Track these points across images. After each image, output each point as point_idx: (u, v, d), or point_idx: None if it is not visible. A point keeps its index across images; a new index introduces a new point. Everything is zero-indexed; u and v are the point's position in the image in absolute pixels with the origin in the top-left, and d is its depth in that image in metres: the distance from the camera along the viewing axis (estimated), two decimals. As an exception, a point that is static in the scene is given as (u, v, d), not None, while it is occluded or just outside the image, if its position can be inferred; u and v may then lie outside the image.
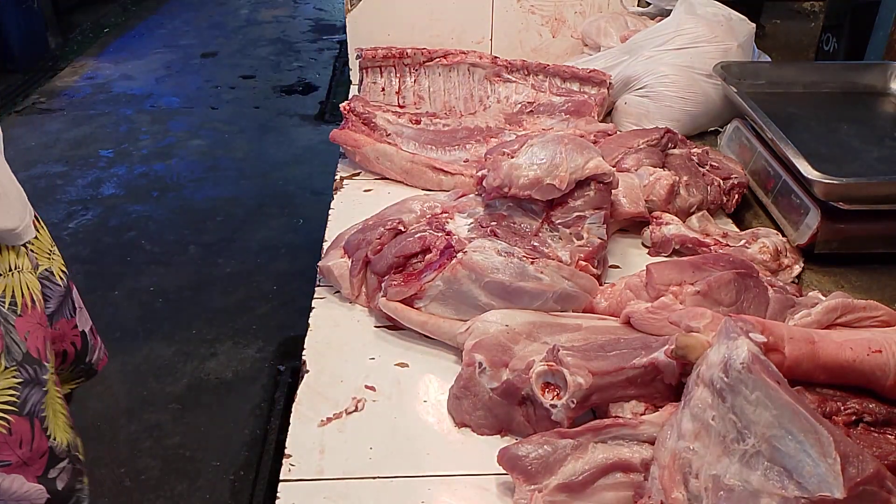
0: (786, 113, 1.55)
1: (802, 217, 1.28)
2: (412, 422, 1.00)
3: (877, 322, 1.01)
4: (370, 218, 1.29)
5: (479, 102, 1.82)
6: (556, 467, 0.85)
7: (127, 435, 2.36)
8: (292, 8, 7.23)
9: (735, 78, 1.64)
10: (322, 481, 0.91)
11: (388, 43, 1.88)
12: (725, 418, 0.75)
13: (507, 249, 1.10)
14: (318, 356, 1.11)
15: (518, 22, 2.06)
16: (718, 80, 1.64)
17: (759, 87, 1.68)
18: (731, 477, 0.73)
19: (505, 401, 0.96)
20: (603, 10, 2.06)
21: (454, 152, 1.60)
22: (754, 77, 1.70)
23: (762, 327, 0.84)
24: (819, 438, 0.67)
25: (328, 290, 1.25)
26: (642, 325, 1.02)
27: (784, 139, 1.32)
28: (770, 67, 1.73)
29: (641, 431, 0.87)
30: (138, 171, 4.04)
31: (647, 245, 1.37)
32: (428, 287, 1.11)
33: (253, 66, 5.64)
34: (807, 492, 0.67)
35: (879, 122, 1.60)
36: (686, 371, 0.89)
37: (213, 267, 3.24)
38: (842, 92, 1.70)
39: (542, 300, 1.08)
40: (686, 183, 1.43)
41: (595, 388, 0.90)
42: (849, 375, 0.88)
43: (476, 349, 0.99)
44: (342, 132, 1.62)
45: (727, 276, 1.05)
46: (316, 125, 4.66)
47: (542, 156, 1.18)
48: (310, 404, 1.02)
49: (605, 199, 1.21)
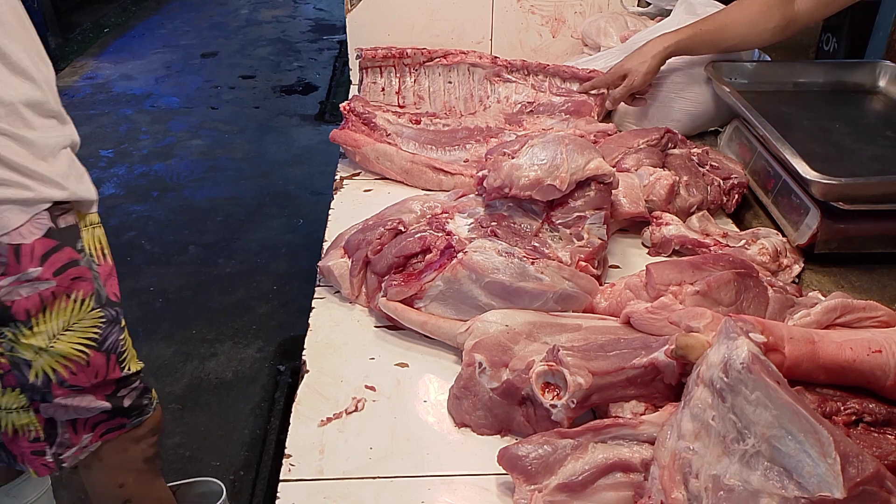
0: (778, 112, 1.55)
1: (802, 217, 1.28)
2: (412, 422, 1.00)
3: (876, 322, 1.01)
4: (370, 218, 1.29)
5: (479, 102, 1.82)
6: (556, 467, 0.85)
7: (127, 435, 2.36)
8: (292, 8, 7.23)
9: (726, 77, 1.64)
10: (322, 481, 0.91)
11: (388, 43, 1.88)
12: (725, 418, 0.75)
13: (508, 250, 1.10)
14: (318, 356, 1.11)
15: (518, 22, 2.06)
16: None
17: (750, 87, 1.68)
18: (731, 477, 0.73)
19: (505, 401, 0.96)
20: (603, 10, 2.06)
21: (454, 152, 1.61)
22: (745, 76, 1.70)
23: (762, 327, 0.84)
24: (819, 438, 0.67)
25: (328, 290, 1.25)
26: (642, 325, 1.02)
27: (780, 139, 1.32)
28: (760, 66, 1.73)
29: (641, 431, 0.87)
30: (138, 171, 4.04)
31: (647, 245, 1.37)
32: (428, 287, 1.11)
33: (253, 66, 5.64)
34: (807, 492, 0.67)
35: (871, 120, 1.60)
36: (686, 371, 0.89)
37: (213, 267, 3.24)
38: (832, 90, 1.70)
39: (542, 300, 1.08)
40: (686, 183, 1.43)
41: (595, 388, 0.90)
42: (849, 375, 0.88)
43: (476, 349, 0.99)
44: (342, 132, 1.62)
45: (727, 275, 1.05)
46: (316, 125, 4.66)
47: (543, 156, 1.18)
48: (310, 404, 1.02)
49: (605, 200, 1.21)
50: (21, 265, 1.12)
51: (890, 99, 1.66)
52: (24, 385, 1.21)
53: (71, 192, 1.18)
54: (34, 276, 1.14)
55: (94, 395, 1.29)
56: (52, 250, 1.16)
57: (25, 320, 1.16)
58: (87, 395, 1.28)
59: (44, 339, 1.18)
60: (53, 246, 1.16)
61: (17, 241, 1.12)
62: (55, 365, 1.21)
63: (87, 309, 1.23)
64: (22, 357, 1.19)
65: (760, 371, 0.72)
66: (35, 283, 1.14)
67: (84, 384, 1.26)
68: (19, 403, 1.23)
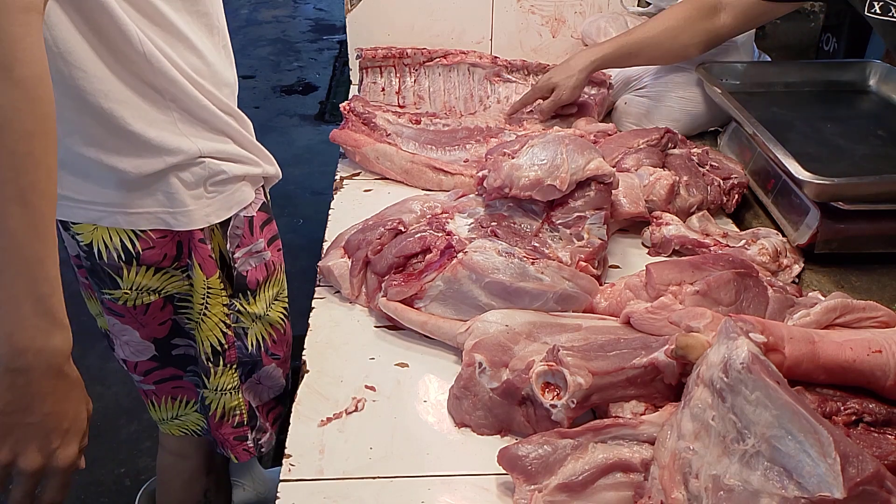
0: (770, 112, 1.55)
1: (802, 217, 1.28)
2: (412, 422, 1.00)
3: (877, 322, 1.01)
4: (370, 218, 1.29)
5: (479, 102, 1.82)
6: (556, 467, 0.85)
7: (127, 435, 2.36)
8: (292, 8, 7.23)
9: (717, 78, 1.64)
10: (322, 481, 0.91)
11: (388, 43, 1.88)
12: (725, 418, 0.75)
13: (508, 250, 1.10)
14: (318, 356, 1.11)
15: (518, 22, 2.06)
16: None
17: (742, 88, 1.68)
18: (731, 477, 0.73)
19: (505, 401, 0.96)
20: (603, 10, 2.06)
21: (454, 152, 1.61)
22: (736, 77, 1.70)
23: (762, 327, 0.84)
24: (819, 438, 0.67)
25: (328, 290, 1.25)
26: (642, 325, 1.02)
27: (773, 139, 1.32)
28: (751, 67, 1.73)
29: (641, 431, 0.87)
30: (138, 171, 4.04)
31: (647, 245, 1.37)
32: (428, 287, 1.11)
33: (253, 66, 5.64)
34: (807, 492, 0.67)
35: (862, 119, 1.60)
36: (686, 371, 0.89)
37: (213, 267, 3.23)
38: (823, 90, 1.70)
39: (542, 301, 1.08)
40: (686, 183, 1.43)
41: (595, 388, 0.90)
42: (849, 375, 0.88)
43: (476, 349, 0.99)
44: (342, 132, 1.62)
45: (727, 275, 1.05)
46: (316, 125, 4.66)
47: (543, 156, 1.18)
48: (310, 404, 1.02)
49: (605, 200, 1.21)
50: (253, 237, 1.22)
51: (881, 98, 1.66)
52: (243, 356, 1.28)
53: (276, 168, 1.28)
54: (261, 248, 1.24)
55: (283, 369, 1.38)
56: (265, 222, 1.26)
57: (254, 289, 1.24)
58: (280, 367, 1.37)
59: (262, 306, 1.27)
60: (266, 218, 1.26)
61: (250, 214, 1.21)
62: (264, 332, 1.30)
63: (285, 279, 1.34)
64: (243, 326, 1.27)
65: (760, 371, 0.72)
66: (262, 254, 1.24)
67: (280, 353, 1.35)
68: (232, 384, 1.28)
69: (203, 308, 1.20)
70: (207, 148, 1.09)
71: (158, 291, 1.20)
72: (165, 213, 1.10)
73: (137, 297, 1.20)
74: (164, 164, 1.06)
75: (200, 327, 1.22)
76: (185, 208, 1.10)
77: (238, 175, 1.15)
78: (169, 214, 1.11)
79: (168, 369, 1.34)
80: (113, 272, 1.16)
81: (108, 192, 1.08)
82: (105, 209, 1.10)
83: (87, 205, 1.09)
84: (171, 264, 1.18)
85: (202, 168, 1.10)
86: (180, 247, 1.16)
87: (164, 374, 1.35)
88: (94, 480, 2.20)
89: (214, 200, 1.13)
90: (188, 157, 1.08)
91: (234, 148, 1.14)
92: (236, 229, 1.19)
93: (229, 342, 1.24)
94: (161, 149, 1.05)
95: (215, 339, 1.22)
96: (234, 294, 1.23)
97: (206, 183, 1.11)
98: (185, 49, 1.04)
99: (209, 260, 1.16)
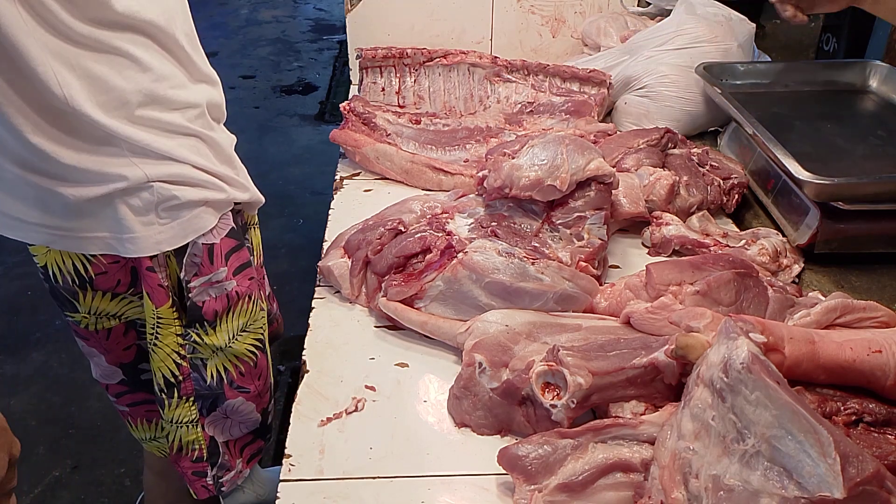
0: (770, 112, 1.55)
1: (802, 217, 1.28)
2: (412, 422, 1.00)
3: (877, 323, 1.01)
4: (370, 218, 1.29)
5: (479, 102, 1.82)
6: (556, 467, 0.85)
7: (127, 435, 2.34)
8: (292, 8, 7.22)
9: (717, 78, 1.64)
10: (322, 481, 0.91)
11: (388, 43, 1.88)
12: (725, 418, 0.75)
13: (508, 250, 1.10)
14: (318, 356, 1.11)
15: (518, 22, 2.06)
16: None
17: (741, 88, 1.68)
18: (731, 477, 0.73)
19: (505, 401, 0.96)
20: (603, 10, 2.06)
21: (454, 152, 1.60)
22: (735, 77, 1.70)
23: (762, 327, 0.84)
24: (819, 438, 0.67)
25: (328, 290, 1.25)
26: (642, 325, 1.02)
27: (772, 139, 1.32)
28: (751, 67, 1.73)
29: (641, 431, 0.87)
30: (138, 171, 4.04)
31: (647, 245, 1.37)
32: (428, 287, 1.11)
33: (253, 66, 5.64)
34: (807, 492, 0.67)
35: (861, 119, 1.60)
36: (686, 371, 0.89)
37: (213, 267, 3.24)
38: (822, 90, 1.70)
39: (542, 301, 1.08)
40: (686, 183, 1.43)
41: (595, 388, 0.90)
42: (849, 375, 0.88)
43: (476, 349, 0.99)
44: (342, 132, 1.62)
45: (727, 275, 1.05)
46: (316, 125, 4.66)
47: (543, 156, 1.18)
48: (310, 404, 1.02)
49: (605, 200, 1.21)
50: (214, 265, 1.13)
51: (881, 98, 1.66)
52: (200, 389, 1.21)
53: (252, 194, 1.20)
54: (222, 277, 1.15)
55: (257, 405, 1.28)
56: (233, 250, 1.17)
57: (212, 320, 1.16)
58: (250, 401, 1.27)
59: (224, 338, 1.18)
60: (234, 246, 1.17)
61: (211, 242, 1.12)
62: (227, 364, 1.21)
63: (258, 310, 1.24)
64: (200, 357, 1.19)
65: (760, 371, 0.72)
66: (223, 284, 1.16)
67: (250, 387, 1.26)
68: (190, 417, 1.22)
69: (154, 338, 1.14)
70: (156, 172, 1.02)
71: (118, 317, 1.17)
72: (113, 239, 1.05)
73: (97, 321, 1.17)
74: (108, 190, 1.00)
75: (152, 357, 1.17)
76: (132, 234, 1.04)
77: (195, 200, 1.07)
78: (116, 240, 1.05)
79: (139, 394, 1.30)
80: (69, 296, 1.13)
81: (54, 215, 1.03)
82: (55, 232, 1.04)
83: (38, 227, 1.04)
84: (126, 290, 1.14)
85: (150, 193, 1.02)
86: (135, 273, 1.11)
87: (135, 398, 1.31)
88: (94, 480, 2.21)
89: (167, 227, 1.06)
90: (134, 183, 1.01)
91: (192, 171, 1.06)
92: (194, 257, 1.11)
93: (184, 373, 1.18)
94: (102, 175, 0.99)
95: (167, 370, 1.17)
96: (189, 324, 1.15)
97: (157, 208, 1.04)
98: (135, 72, 0.97)
99: (159, 289, 1.10)
